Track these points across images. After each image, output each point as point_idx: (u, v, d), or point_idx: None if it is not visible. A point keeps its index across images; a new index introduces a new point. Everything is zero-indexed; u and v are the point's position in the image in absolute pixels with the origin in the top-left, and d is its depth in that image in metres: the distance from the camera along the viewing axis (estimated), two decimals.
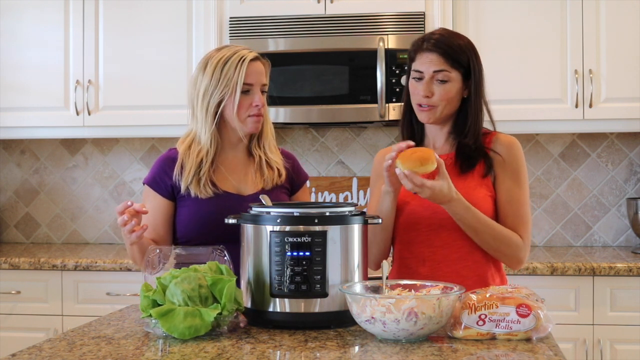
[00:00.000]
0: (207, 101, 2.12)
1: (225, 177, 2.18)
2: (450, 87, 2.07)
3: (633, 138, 3.70)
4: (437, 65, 2.06)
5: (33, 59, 3.65)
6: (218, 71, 2.11)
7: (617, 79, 3.35)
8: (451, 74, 2.07)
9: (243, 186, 2.20)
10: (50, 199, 4.03)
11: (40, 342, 1.65)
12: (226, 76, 2.10)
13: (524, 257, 2.08)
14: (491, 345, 1.62)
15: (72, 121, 3.62)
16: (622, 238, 3.72)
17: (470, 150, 2.10)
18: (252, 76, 2.12)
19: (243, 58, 2.11)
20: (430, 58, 2.07)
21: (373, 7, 3.40)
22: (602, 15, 3.35)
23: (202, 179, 2.13)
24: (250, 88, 2.12)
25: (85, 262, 3.31)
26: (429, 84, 2.07)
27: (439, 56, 2.07)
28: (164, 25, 3.56)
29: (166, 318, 1.65)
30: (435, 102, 2.07)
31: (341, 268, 1.79)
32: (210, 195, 2.13)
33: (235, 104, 2.11)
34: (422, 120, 2.12)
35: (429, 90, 2.07)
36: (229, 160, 2.21)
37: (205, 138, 2.14)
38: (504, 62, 3.38)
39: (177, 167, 2.16)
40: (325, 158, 3.85)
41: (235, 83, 2.10)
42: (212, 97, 2.12)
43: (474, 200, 2.03)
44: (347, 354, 1.57)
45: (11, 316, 3.36)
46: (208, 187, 2.13)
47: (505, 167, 2.09)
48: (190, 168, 2.14)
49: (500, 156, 2.09)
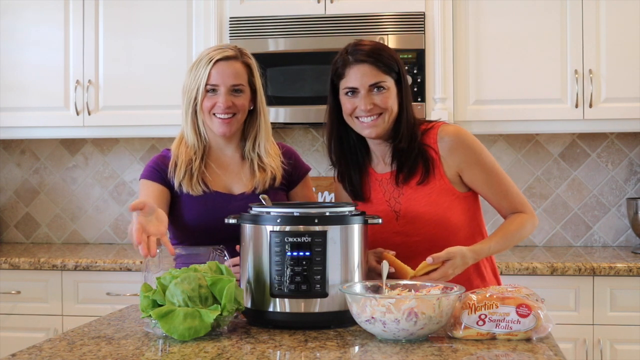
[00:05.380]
0: (185, 100, 2.17)
1: (217, 176, 2.20)
2: (389, 94, 2.02)
3: (633, 138, 3.70)
4: (372, 77, 2.00)
5: (33, 59, 3.65)
6: (192, 71, 2.16)
7: (617, 79, 3.34)
8: (386, 82, 2.01)
9: (234, 185, 2.20)
10: (50, 199, 4.03)
11: (40, 342, 1.65)
12: (196, 76, 2.14)
13: (537, 223, 2.11)
14: (491, 345, 1.62)
15: (72, 121, 3.62)
16: (622, 238, 3.72)
17: (405, 153, 2.05)
18: (216, 77, 2.12)
19: (211, 59, 2.13)
20: (362, 71, 1.99)
21: (373, 7, 3.40)
22: (602, 15, 3.35)
23: (194, 175, 2.15)
24: (216, 88, 2.13)
25: (85, 262, 3.31)
26: (367, 97, 2.00)
27: (371, 67, 2.00)
28: (164, 25, 3.56)
29: (166, 319, 1.65)
30: (379, 110, 2.00)
31: (341, 268, 1.79)
32: (200, 194, 2.14)
33: (200, 105, 2.14)
34: (369, 135, 2.04)
35: (370, 102, 1.99)
36: (220, 159, 2.22)
37: (189, 136, 2.19)
38: (504, 62, 3.37)
39: (171, 164, 2.18)
40: (325, 158, 3.83)
41: (198, 84, 2.13)
42: (186, 95, 2.17)
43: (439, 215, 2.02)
44: (347, 354, 1.57)
45: (11, 316, 3.36)
46: (199, 184, 2.15)
47: (466, 160, 2.03)
48: (181, 164, 2.16)
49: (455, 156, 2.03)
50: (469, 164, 2.04)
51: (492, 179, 2.06)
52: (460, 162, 2.04)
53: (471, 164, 2.04)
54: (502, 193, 2.06)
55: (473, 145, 2.05)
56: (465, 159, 2.04)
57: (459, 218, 2.07)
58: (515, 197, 2.08)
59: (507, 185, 2.07)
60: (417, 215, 2.05)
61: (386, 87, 2.01)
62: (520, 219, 2.06)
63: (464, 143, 2.04)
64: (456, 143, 2.04)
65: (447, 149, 2.04)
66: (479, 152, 2.05)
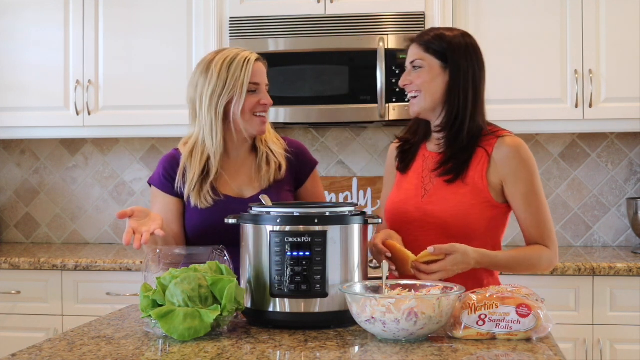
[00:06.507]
0: (215, 103, 2.10)
1: (226, 182, 2.17)
2: (423, 72, 2.06)
3: (633, 138, 3.70)
4: (412, 55, 2.09)
5: (33, 59, 3.65)
6: (224, 72, 2.10)
7: (617, 79, 3.35)
8: (424, 60, 2.06)
9: (245, 188, 2.18)
10: (50, 199, 4.03)
11: (40, 342, 1.65)
12: (234, 76, 2.10)
13: (555, 263, 2.06)
14: (491, 345, 1.62)
15: (72, 121, 3.62)
16: (622, 238, 3.72)
17: (460, 147, 2.05)
18: (258, 75, 2.14)
19: (247, 58, 2.12)
20: (410, 50, 2.11)
21: (373, 7, 3.40)
22: (602, 15, 3.35)
23: (204, 188, 2.11)
24: (257, 87, 2.14)
25: (85, 262, 3.31)
26: (406, 73, 2.10)
27: (415, 46, 2.09)
28: (164, 25, 3.56)
29: (166, 319, 1.65)
30: (415, 88, 2.07)
31: (341, 268, 1.79)
32: (210, 205, 2.11)
33: (241, 104, 2.10)
34: (409, 113, 2.13)
35: (407, 79, 2.08)
36: (230, 164, 2.19)
37: (216, 141, 2.12)
38: (504, 62, 3.37)
39: (180, 172, 2.15)
40: (325, 158, 3.85)
41: (242, 83, 2.10)
42: (220, 98, 2.10)
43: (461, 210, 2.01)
44: (347, 354, 1.57)
45: (11, 316, 3.36)
46: (209, 196, 2.11)
47: (515, 173, 2.02)
48: (194, 175, 2.12)
49: (507, 166, 2.02)
50: (516, 177, 2.02)
51: (532, 202, 2.03)
52: (509, 173, 2.02)
53: (518, 179, 2.02)
54: (536, 220, 2.04)
55: (528, 162, 2.04)
56: (515, 171, 2.02)
57: (480, 223, 2.03)
58: (546, 229, 2.05)
59: (544, 215, 2.05)
60: (442, 199, 2.04)
61: (423, 65, 2.06)
62: (541, 251, 2.04)
63: (521, 156, 2.03)
64: (514, 153, 2.03)
65: (503, 156, 2.03)
66: (531, 171, 2.04)
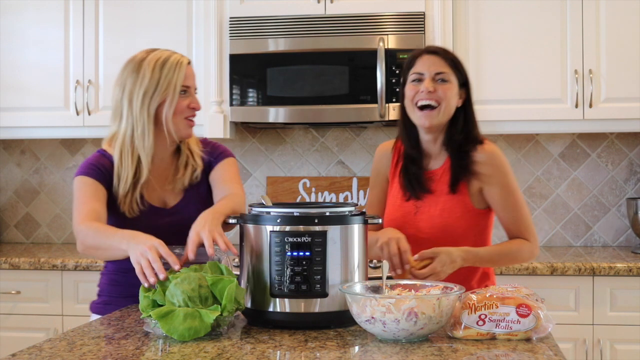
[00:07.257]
0: (147, 104, 2.08)
1: (153, 187, 2.15)
2: (451, 87, 2.12)
3: (633, 138, 3.70)
4: (439, 67, 2.12)
5: (33, 59, 3.65)
6: (157, 72, 2.08)
7: (617, 79, 3.35)
8: (451, 76, 2.12)
9: (168, 196, 2.17)
10: (50, 199, 4.03)
11: (40, 342, 1.65)
12: (166, 78, 2.08)
13: (536, 253, 2.19)
14: (491, 345, 1.62)
15: (72, 121, 3.62)
16: (622, 238, 3.72)
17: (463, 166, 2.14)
18: (189, 79, 2.14)
19: (180, 61, 2.12)
20: (432, 60, 2.12)
21: (373, 7, 3.40)
22: (602, 15, 3.35)
23: (135, 194, 2.08)
24: (188, 90, 2.13)
25: (85, 262, 3.31)
26: (430, 80, 2.11)
27: (441, 59, 2.13)
28: (164, 25, 3.56)
29: (166, 319, 1.65)
30: (438, 98, 2.09)
31: (341, 268, 1.79)
32: (135, 215, 2.10)
33: (173, 106, 2.09)
34: (422, 124, 2.13)
35: (432, 86, 2.09)
36: (155, 168, 2.15)
37: (147, 143, 2.08)
38: (504, 62, 3.37)
39: (115, 173, 2.10)
40: (325, 158, 3.85)
41: (175, 85, 2.09)
42: (152, 99, 2.08)
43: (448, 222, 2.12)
44: (347, 354, 1.57)
45: (11, 316, 3.36)
46: (136, 204, 2.09)
47: (492, 178, 2.14)
48: (127, 177, 2.09)
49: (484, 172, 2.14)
50: (492, 181, 2.14)
51: (509, 202, 2.16)
52: (485, 178, 2.14)
53: (494, 183, 2.15)
54: (514, 217, 2.17)
55: (501, 166, 2.16)
56: (490, 176, 2.14)
57: (465, 231, 2.15)
58: (524, 224, 2.18)
59: (521, 212, 2.18)
60: (432, 217, 2.16)
61: (450, 80, 2.12)
62: (520, 243, 2.17)
63: (494, 162, 2.15)
64: (489, 159, 2.15)
65: (479, 164, 2.14)
66: (504, 174, 2.16)
